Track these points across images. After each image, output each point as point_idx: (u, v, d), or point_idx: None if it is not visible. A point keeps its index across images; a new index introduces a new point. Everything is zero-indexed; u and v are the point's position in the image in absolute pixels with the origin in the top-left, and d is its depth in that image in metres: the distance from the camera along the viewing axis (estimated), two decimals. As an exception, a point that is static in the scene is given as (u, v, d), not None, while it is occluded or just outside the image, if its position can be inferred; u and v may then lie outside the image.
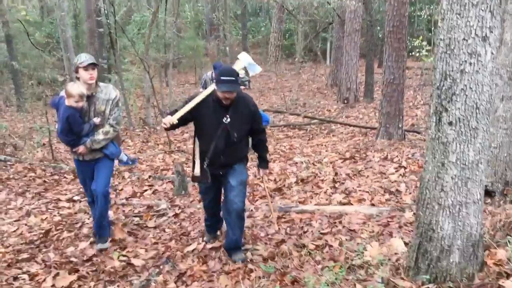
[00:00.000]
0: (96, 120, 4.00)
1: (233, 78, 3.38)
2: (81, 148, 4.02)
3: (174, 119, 3.39)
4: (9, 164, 8.10)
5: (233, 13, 24.63)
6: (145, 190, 6.12)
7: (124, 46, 15.05)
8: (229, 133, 3.54)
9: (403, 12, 7.28)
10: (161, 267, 3.76)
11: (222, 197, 3.92)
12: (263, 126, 3.83)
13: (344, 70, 13.11)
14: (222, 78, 3.38)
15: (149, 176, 6.75)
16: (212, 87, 3.53)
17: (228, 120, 3.52)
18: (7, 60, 16.85)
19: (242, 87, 8.98)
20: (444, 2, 2.44)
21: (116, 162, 4.41)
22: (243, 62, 3.83)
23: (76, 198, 6.04)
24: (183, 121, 3.57)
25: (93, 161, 4.15)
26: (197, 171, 3.69)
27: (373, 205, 4.83)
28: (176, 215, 5.01)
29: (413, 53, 13.23)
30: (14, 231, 4.97)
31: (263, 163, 3.97)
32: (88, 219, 5.08)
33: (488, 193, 4.28)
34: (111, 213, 5.20)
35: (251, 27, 25.17)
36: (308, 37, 18.11)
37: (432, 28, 13.74)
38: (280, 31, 21.32)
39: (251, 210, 4.95)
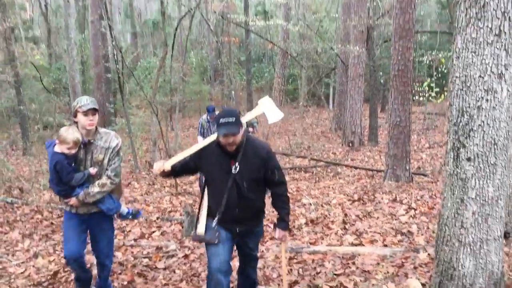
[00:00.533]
0: (92, 170, 3.55)
1: (232, 120, 2.93)
2: (72, 201, 3.56)
3: (166, 165, 3.07)
4: (16, 206, 8.08)
5: (237, 59, 25.21)
6: (153, 232, 6.06)
7: (130, 91, 15.32)
8: (238, 185, 3.09)
9: (407, 56, 7.45)
10: (173, 308, 3.68)
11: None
12: (282, 178, 3.27)
13: (348, 114, 13.27)
14: (221, 120, 2.94)
15: (157, 218, 6.70)
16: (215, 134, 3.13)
17: (237, 169, 3.05)
18: (15, 104, 17.12)
19: (250, 128, 9.11)
20: (459, 41, 2.51)
21: (116, 215, 3.90)
22: (263, 108, 3.28)
23: (83, 239, 5.97)
24: (183, 170, 3.30)
25: (87, 215, 3.66)
26: (201, 229, 3.19)
27: (385, 246, 4.78)
28: (186, 256, 4.94)
29: (416, 97, 13.41)
30: (22, 272, 4.90)
31: (281, 222, 3.28)
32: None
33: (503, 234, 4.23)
34: (120, 254, 5.15)
35: (255, 73, 25.68)
36: (311, 82, 18.45)
37: (434, 74, 13.98)
38: (284, 76, 21.72)
39: (262, 251, 4.89)
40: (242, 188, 3.09)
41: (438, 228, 2.86)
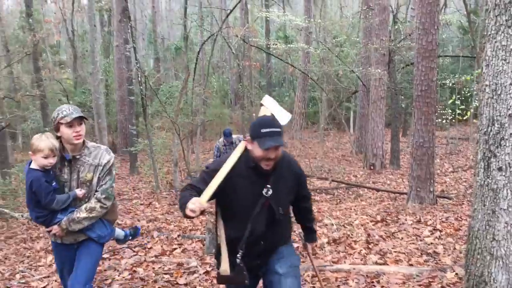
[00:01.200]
0: (79, 192, 2.98)
1: (279, 130, 2.42)
2: (54, 229, 2.98)
3: (203, 203, 2.31)
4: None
5: (258, 83, 25.44)
6: (175, 249, 6.04)
7: (152, 114, 15.56)
8: (271, 210, 2.55)
9: (431, 77, 7.40)
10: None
11: None
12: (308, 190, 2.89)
13: (370, 137, 13.19)
14: (264, 131, 2.38)
15: (178, 235, 6.70)
16: (240, 148, 2.56)
17: (270, 192, 2.51)
18: (41, 126, 17.54)
19: None
20: (488, 49, 2.50)
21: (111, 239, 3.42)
22: (269, 107, 2.78)
23: (105, 256, 5.98)
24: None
25: (75, 244, 3.11)
26: (226, 267, 2.51)
27: (411, 265, 4.66)
28: (207, 273, 4.90)
29: (438, 121, 13.28)
30: (44, 287, 4.93)
31: (311, 234, 3.01)
32: (118, 275, 5.01)
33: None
34: (141, 270, 5.14)
35: (275, 97, 25.82)
36: (332, 105, 18.46)
37: (457, 97, 13.87)
38: (304, 100, 21.79)
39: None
40: (276, 214, 2.57)
41: (468, 241, 2.78)
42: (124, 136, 19.58)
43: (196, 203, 2.27)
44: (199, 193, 2.39)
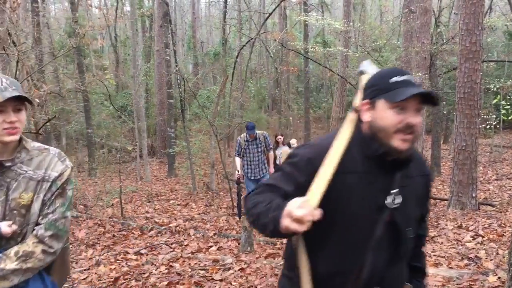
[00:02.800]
0: (4, 227, 1.72)
1: (415, 82, 1.49)
2: None
3: (314, 205, 1.34)
4: (80, 220, 8.44)
5: (295, 89, 25.42)
6: (210, 246, 6.11)
7: (189, 118, 15.82)
8: (397, 231, 1.54)
9: (474, 79, 7.19)
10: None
11: None
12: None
13: (409, 142, 12.89)
14: (395, 80, 1.47)
15: (214, 234, 6.76)
16: (350, 122, 1.59)
17: (398, 200, 1.53)
18: (84, 128, 18.14)
19: (286, 148, 8.97)
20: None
21: None
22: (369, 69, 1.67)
23: (143, 251, 6.11)
24: None
25: None
26: None
27: (451, 268, 4.53)
28: (242, 269, 4.92)
29: (481, 126, 12.87)
30: (84, 278, 5.07)
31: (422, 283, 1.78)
32: (155, 270, 5.10)
33: None
34: (177, 265, 5.21)
35: (312, 103, 25.73)
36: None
37: (502, 102, 13.41)
38: (342, 105, 21.57)
39: None
40: (405, 238, 1.57)
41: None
42: (162, 139, 19.95)
43: (306, 207, 1.27)
44: (285, 197, 1.44)
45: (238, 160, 7.86)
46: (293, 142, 10.15)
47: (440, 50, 11.83)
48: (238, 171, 7.82)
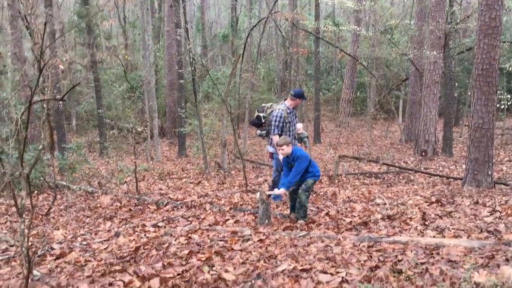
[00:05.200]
0: None
1: None
2: None
3: None
4: (96, 195, 8.50)
5: (304, 71, 25.26)
6: (227, 220, 6.13)
7: (199, 100, 15.81)
8: None
9: (493, 55, 7.10)
10: (252, 281, 3.68)
11: None
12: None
13: (422, 122, 12.84)
14: None
15: (230, 208, 6.79)
16: None
17: None
18: (94, 108, 18.17)
19: (298, 144, 8.82)
20: None
21: None
22: None
23: (160, 224, 6.16)
24: None
25: None
26: None
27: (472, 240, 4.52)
28: (261, 241, 4.94)
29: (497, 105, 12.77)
30: (105, 248, 5.12)
31: None
32: (174, 240, 5.14)
33: None
34: (196, 237, 5.25)
35: (322, 85, 25.58)
36: (381, 92, 18.10)
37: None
38: (352, 87, 21.48)
39: (339, 239, 4.80)
40: None
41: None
42: (172, 120, 19.96)
43: None
44: None
45: (276, 139, 6.49)
46: (299, 126, 9.39)
47: (455, 29, 11.65)
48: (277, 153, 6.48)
